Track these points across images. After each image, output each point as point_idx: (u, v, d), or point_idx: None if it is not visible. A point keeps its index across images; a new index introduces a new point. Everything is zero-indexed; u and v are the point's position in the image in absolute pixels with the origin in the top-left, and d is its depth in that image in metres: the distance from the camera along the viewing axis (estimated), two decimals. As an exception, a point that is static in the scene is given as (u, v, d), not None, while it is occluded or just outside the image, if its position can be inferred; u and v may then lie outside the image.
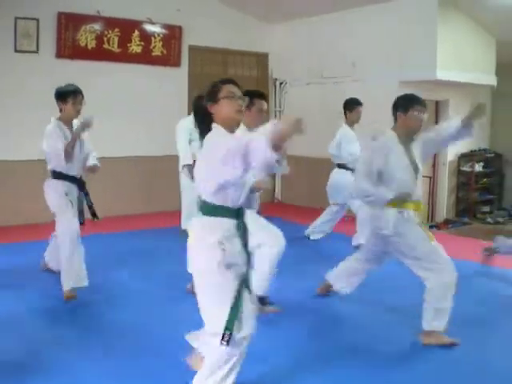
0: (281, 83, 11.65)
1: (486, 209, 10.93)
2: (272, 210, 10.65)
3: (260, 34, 11.40)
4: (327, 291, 5.54)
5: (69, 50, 9.04)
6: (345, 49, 9.99)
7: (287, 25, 11.26)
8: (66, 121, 5.52)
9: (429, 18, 8.75)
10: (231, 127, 3.31)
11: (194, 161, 7.95)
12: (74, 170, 5.52)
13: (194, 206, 8.11)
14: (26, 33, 8.73)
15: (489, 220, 10.47)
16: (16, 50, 8.66)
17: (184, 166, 7.94)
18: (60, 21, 8.92)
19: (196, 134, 8.14)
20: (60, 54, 8.96)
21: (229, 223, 3.22)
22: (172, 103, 9.83)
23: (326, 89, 10.48)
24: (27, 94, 8.64)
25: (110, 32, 9.42)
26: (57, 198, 5.49)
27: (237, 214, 3.25)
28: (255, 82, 11.60)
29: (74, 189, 5.57)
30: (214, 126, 3.31)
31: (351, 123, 7.50)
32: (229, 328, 3.04)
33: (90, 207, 5.71)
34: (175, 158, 7.93)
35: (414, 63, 8.91)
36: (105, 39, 9.39)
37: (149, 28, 9.92)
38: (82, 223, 5.53)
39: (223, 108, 3.28)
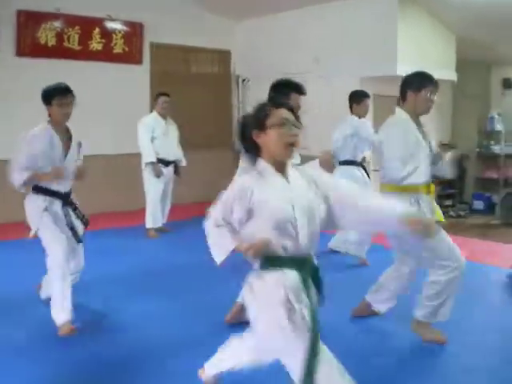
0: (243, 80, 11.64)
1: (449, 202, 11.05)
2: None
3: (222, 31, 11.38)
4: (367, 312, 4.86)
5: (29, 47, 8.93)
6: (307, 45, 10.02)
7: (249, 22, 11.26)
8: (57, 128, 4.63)
9: (389, 14, 8.81)
10: (281, 162, 2.78)
11: (158, 158, 8.01)
12: (61, 184, 4.70)
13: (157, 203, 8.17)
14: (-16, 31, 8.61)
15: (451, 213, 10.60)
16: (-28, 49, 8.54)
17: (147, 163, 7.92)
18: (19, 19, 8.81)
19: (159, 131, 8.22)
20: (20, 52, 8.85)
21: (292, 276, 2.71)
22: (134, 100, 9.76)
23: (288, 85, 10.49)
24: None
25: (71, 30, 9.33)
26: (38, 217, 4.62)
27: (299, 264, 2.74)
28: (217, 79, 11.60)
29: (57, 205, 4.71)
30: (258, 163, 2.84)
31: (357, 116, 6.80)
32: None
33: (82, 218, 4.92)
34: (139, 156, 7.92)
35: (375, 59, 8.97)
36: (65, 37, 9.29)
37: (109, 25, 9.84)
38: (80, 241, 4.85)
39: (270, 140, 2.73)
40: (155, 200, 8.08)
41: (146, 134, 7.90)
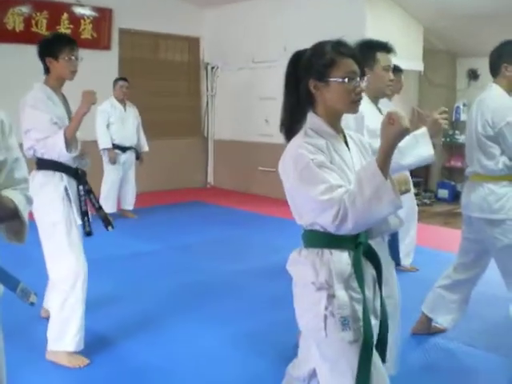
0: (212, 68, 11.63)
1: (414, 191, 11.20)
2: (206, 195, 10.74)
3: (192, 18, 11.34)
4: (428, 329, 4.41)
5: (-5, 32, 8.82)
6: (276, 33, 10.05)
7: (219, 9, 11.23)
8: (56, 86, 3.92)
9: (358, 4, 8.89)
10: (336, 119, 2.38)
11: (113, 144, 8.00)
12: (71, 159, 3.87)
13: (112, 190, 8.16)
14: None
15: (416, 202, 10.74)
16: None
17: (104, 149, 7.97)
18: (-15, 3, 8.70)
19: (116, 117, 8.16)
20: (-13, 37, 8.73)
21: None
22: (102, 86, 9.64)
23: (257, 73, 10.54)
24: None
25: (39, 14, 9.21)
26: (53, 204, 3.80)
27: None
28: (187, 66, 11.59)
29: (73, 185, 3.93)
30: (311, 119, 2.36)
31: (391, 93, 6.04)
32: None
33: (99, 210, 4.13)
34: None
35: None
36: (33, 22, 9.18)
37: (78, 10, 9.74)
38: (90, 234, 3.99)
39: (334, 94, 2.29)
40: (110, 186, 8.12)
41: (102, 119, 7.98)
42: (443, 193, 11.14)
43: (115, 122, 8.07)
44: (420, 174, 11.17)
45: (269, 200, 9.77)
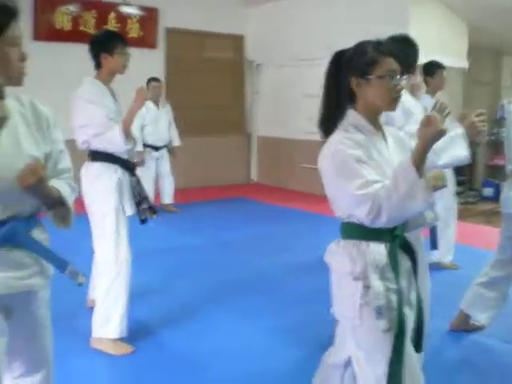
0: (256, 65, 11.73)
1: (458, 189, 11.12)
2: (249, 191, 10.84)
3: (236, 17, 11.46)
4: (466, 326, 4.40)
5: (45, 32, 9.05)
6: (320, 31, 10.08)
7: (263, 7, 11.31)
8: (107, 80, 4.03)
9: (401, 1, 8.87)
10: (375, 116, 2.45)
11: (146, 144, 8.00)
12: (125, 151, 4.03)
13: (147, 185, 8.18)
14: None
15: (460, 200, 10.68)
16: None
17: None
18: (36, 3, 8.92)
19: (149, 118, 8.20)
20: (37, 37, 8.94)
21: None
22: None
23: (301, 71, 10.59)
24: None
25: (87, 14, 9.44)
26: (106, 194, 3.94)
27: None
28: (231, 64, 11.70)
29: (126, 176, 4.06)
30: (351, 115, 2.42)
31: (434, 90, 6.09)
32: None
33: (145, 200, 4.19)
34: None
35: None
36: (81, 21, 9.40)
37: (125, 10, 9.95)
38: (145, 221, 4.16)
39: (375, 91, 2.35)
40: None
41: (136, 122, 8.02)
42: (488, 191, 11.05)
43: (149, 124, 8.18)
44: (464, 172, 11.10)
45: (311, 197, 9.82)
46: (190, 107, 10.71)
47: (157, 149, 8.36)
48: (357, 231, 2.33)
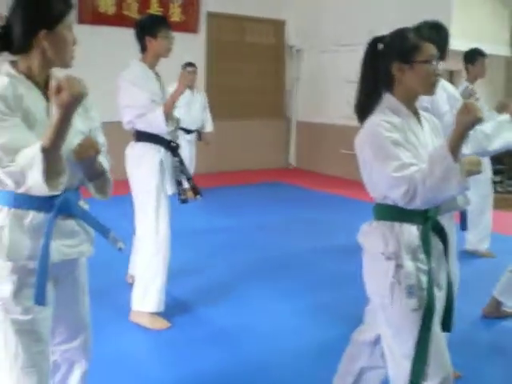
0: (297, 50, 11.74)
1: (497, 179, 11.03)
2: (287, 175, 10.91)
3: (277, 2, 11.45)
4: (497, 312, 4.42)
5: (89, 15, 9.20)
6: (361, 17, 10.05)
7: (305, -8, 11.32)
8: (152, 63, 4.15)
9: (444, -13, 8.82)
10: (413, 100, 2.50)
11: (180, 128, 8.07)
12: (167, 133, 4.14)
13: None
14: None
15: (499, 189, 10.59)
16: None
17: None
18: (80, -13, 9.09)
19: (182, 101, 7.97)
20: (81, 20, 9.09)
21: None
22: (190, 69, 9.99)
23: (341, 56, 10.59)
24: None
25: (130, -2, 9.58)
26: (149, 173, 4.09)
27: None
28: (272, 49, 11.74)
29: (168, 156, 4.21)
30: (388, 99, 2.46)
31: (474, 78, 6.03)
32: (415, 382, 2.35)
33: (189, 180, 4.39)
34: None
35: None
36: (124, 5, 9.54)
37: (167, -6, 10.05)
38: (186, 201, 4.27)
39: (417, 76, 2.40)
40: None
41: None
42: (529, 181, 10.94)
43: (182, 106, 8.20)
44: (503, 161, 11.01)
45: (349, 183, 9.85)
46: (231, 91, 10.81)
47: (188, 132, 8.44)
48: (390, 212, 2.39)
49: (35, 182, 1.95)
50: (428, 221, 2.40)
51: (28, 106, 2.11)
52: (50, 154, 1.95)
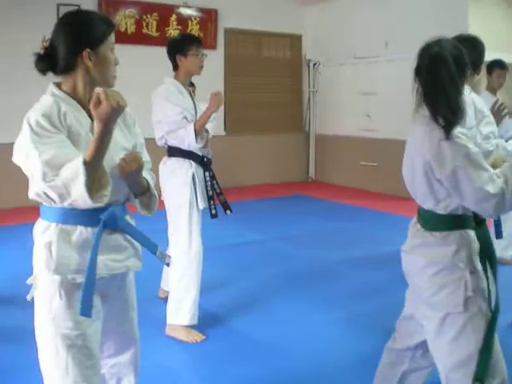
0: (314, 64, 11.82)
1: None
2: (308, 188, 10.95)
3: (294, 16, 11.58)
4: None
5: (110, 35, 9.31)
6: (377, 29, 10.11)
7: (321, 6, 11.40)
8: (184, 81, 4.28)
9: (460, -3, 8.86)
10: None
11: None
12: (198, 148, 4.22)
13: None
14: (69, 19, 9.04)
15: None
16: (59, 36, 8.96)
17: None
18: (101, 6, 9.21)
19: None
20: (102, 39, 9.22)
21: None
22: (209, 84, 10.04)
23: (358, 69, 10.66)
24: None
25: (149, 16, 9.71)
26: (182, 187, 4.18)
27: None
28: (289, 63, 11.84)
29: (200, 172, 4.27)
30: None
31: (492, 89, 6.00)
32: (480, 379, 2.39)
33: (220, 195, 4.43)
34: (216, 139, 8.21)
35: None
36: (144, 24, 9.68)
37: (185, 11, 10.18)
38: (216, 216, 4.33)
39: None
40: None
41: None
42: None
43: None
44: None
45: (369, 194, 9.92)
46: (249, 106, 10.92)
47: None
48: (454, 221, 2.44)
49: (79, 195, 2.01)
50: (482, 224, 2.47)
51: (72, 124, 2.18)
52: (92, 166, 2.02)
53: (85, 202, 2.04)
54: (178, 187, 4.16)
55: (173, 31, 9.94)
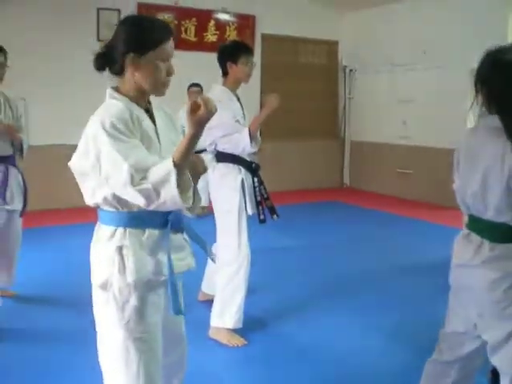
0: (350, 70, 11.81)
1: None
2: (342, 195, 10.94)
3: (330, 23, 11.59)
4: None
5: (149, 40, 9.40)
6: (415, 36, 10.07)
7: (357, 13, 11.40)
8: (233, 87, 4.34)
9: (499, 3, 8.77)
10: None
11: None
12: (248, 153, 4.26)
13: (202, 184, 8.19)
14: (108, 23, 9.14)
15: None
16: (99, 39, 9.07)
17: None
18: (140, 11, 9.28)
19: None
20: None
21: None
22: (246, 89, 10.11)
23: (395, 77, 10.62)
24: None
25: (188, 21, 9.79)
26: (231, 193, 4.21)
27: None
28: (325, 69, 11.84)
29: (248, 177, 4.31)
30: None
31: None
32: None
33: (267, 200, 4.42)
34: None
35: (485, 49, 8.93)
36: (182, 29, 9.76)
37: (223, 17, 10.26)
38: (264, 221, 4.36)
39: None
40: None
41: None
42: None
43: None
44: None
45: (405, 202, 9.87)
46: (285, 112, 10.88)
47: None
48: None
49: (170, 197, 2.05)
50: None
51: (145, 128, 2.23)
52: (181, 168, 2.06)
53: (175, 203, 2.08)
54: (227, 192, 4.20)
55: (211, 36, 10.03)
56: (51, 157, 7.86)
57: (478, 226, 2.49)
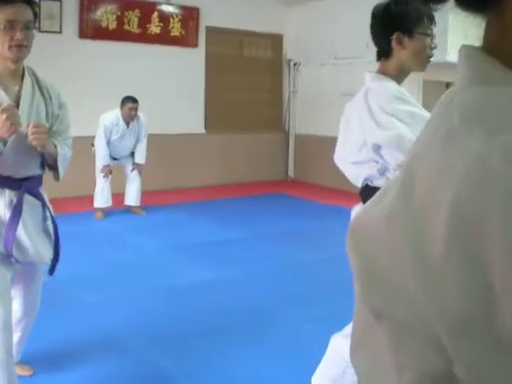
0: (295, 64, 11.86)
1: None
2: (287, 187, 10.98)
3: (275, 16, 11.62)
4: None
5: (91, 30, 9.31)
6: (358, 30, 10.10)
7: (302, 6, 11.45)
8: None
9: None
10: None
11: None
12: None
13: (105, 185, 7.62)
14: (50, 14, 9.01)
15: None
16: (40, 31, 8.90)
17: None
18: (82, 2, 9.19)
19: (116, 135, 7.48)
20: (83, 35, 9.22)
21: None
22: (190, 82, 10.11)
23: (339, 70, 10.71)
24: (52, 73, 8.85)
25: (131, 13, 9.69)
26: None
27: None
28: (270, 62, 11.88)
29: None
30: None
31: None
32: None
33: None
34: (189, 136, 8.16)
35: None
36: (125, 20, 9.66)
37: (167, 9, 10.19)
38: None
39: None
40: (103, 183, 7.86)
41: (103, 137, 7.63)
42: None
43: (114, 141, 7.78)
44: None
45: (346, 193, 9.95)
46: (229, 105, 10.94)
47: (116, 159, 8.08)
48: None
49: None
50: None
51: None
52: None
53: None
54: None
55: (154, 28, 9.95)
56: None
57: None
